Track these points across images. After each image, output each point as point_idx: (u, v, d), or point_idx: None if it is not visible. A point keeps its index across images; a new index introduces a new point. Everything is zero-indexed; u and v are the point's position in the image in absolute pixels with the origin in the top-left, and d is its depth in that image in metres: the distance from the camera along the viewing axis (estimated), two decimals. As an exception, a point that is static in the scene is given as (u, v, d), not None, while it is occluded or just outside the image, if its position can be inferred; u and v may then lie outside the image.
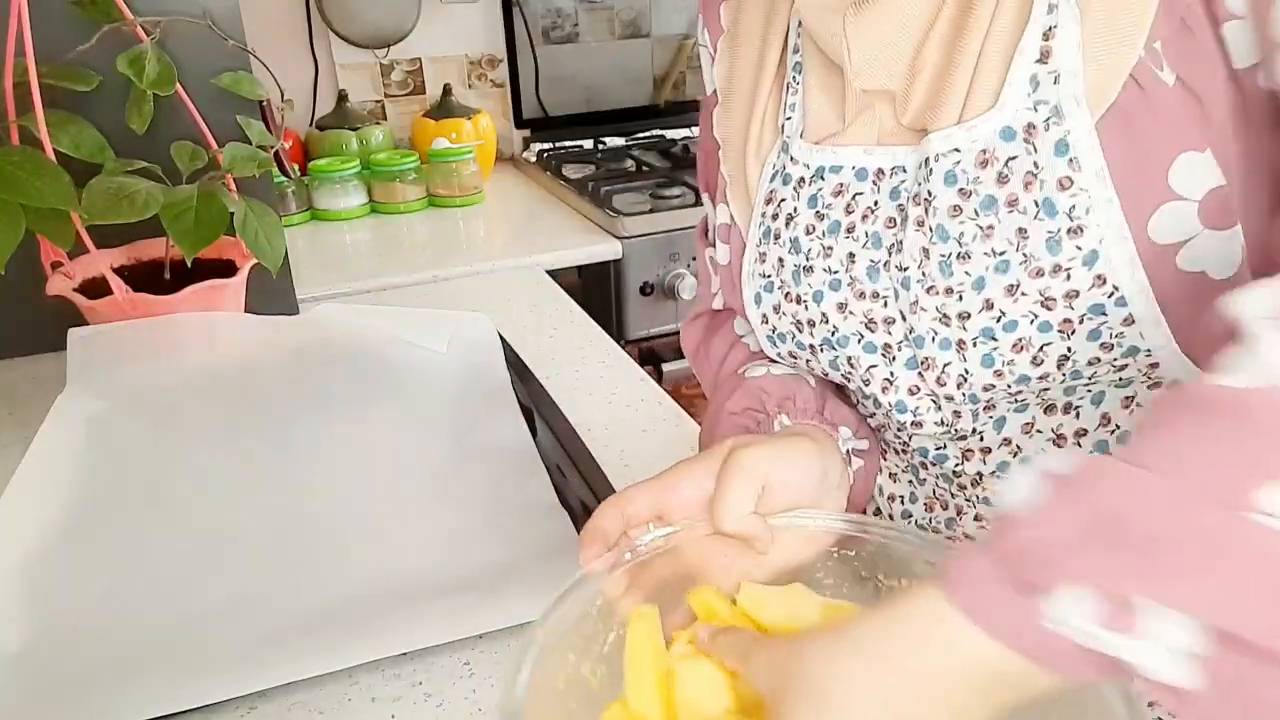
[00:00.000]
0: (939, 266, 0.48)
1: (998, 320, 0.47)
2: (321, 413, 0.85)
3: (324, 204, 1.62)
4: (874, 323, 0.52)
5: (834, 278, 0.53)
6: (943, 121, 0.47)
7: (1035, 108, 0.44)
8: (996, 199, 0.45)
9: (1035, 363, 0.47)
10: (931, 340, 0.50)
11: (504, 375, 0.91)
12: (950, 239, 0.47)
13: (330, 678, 0.58)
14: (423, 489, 0.76)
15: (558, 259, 1.43)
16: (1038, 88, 0.44)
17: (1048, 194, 0.44)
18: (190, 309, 0.93)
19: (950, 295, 0.48)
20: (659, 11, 1.96)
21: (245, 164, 0.92)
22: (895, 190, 0.50)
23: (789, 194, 0.55)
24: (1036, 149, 0.44)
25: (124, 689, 0.56)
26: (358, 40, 1.78)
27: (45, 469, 0.76)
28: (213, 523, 0.72)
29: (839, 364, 0.55)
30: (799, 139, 0.55)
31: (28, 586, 0.65)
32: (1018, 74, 0.44)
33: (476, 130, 1.75)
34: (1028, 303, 0.46)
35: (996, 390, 0.50)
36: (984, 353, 0.48)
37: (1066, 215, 0.44)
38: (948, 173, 0.47)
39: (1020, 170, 0.45)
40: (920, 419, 0.54)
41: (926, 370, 0.51)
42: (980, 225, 0.46)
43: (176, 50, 0.93)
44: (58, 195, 0.78)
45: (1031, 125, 0.44)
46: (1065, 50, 0.43)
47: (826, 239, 0.53)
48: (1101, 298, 0.44)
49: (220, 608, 0.63)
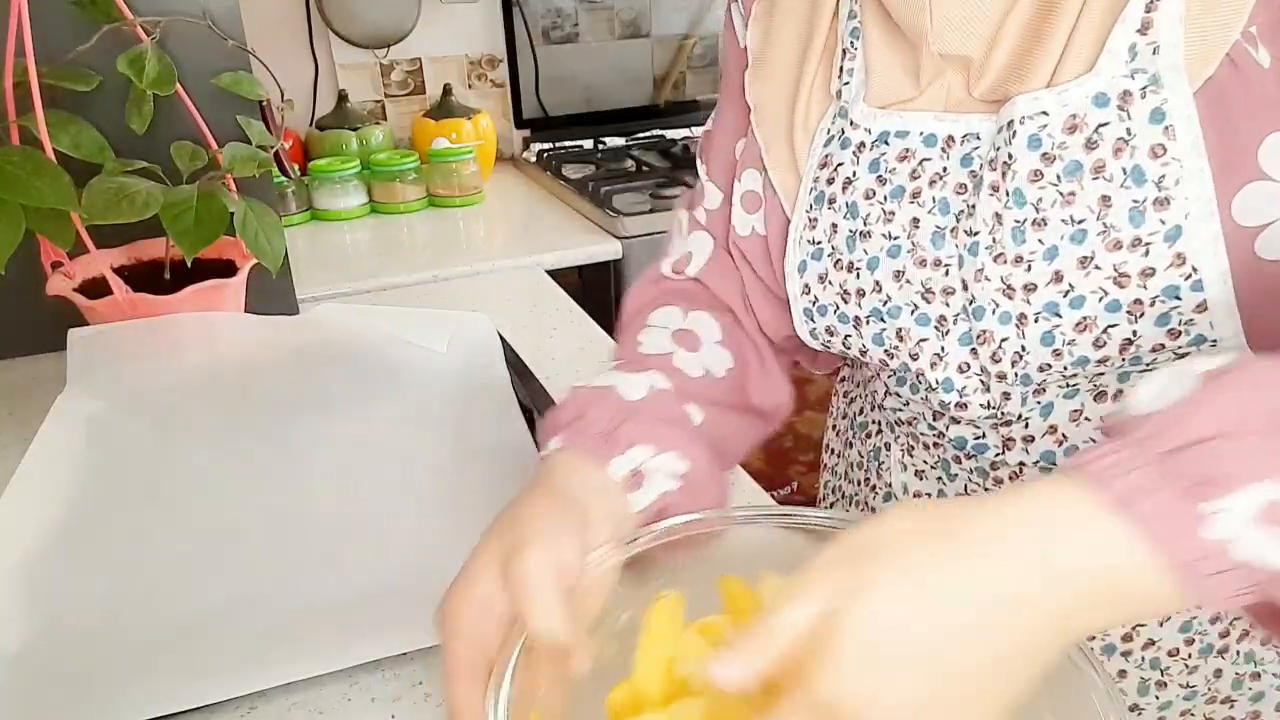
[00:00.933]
0: (1012, 233, 0.47)
1: (1065, 295, 0.46)
2: (321, 413, 0.84)
3: (324, 204, 1.62)
4: (931, 293, 0.51)
5: (894, 244, 0.52)
6: (1030, 85, 0.46)
7: (1133, 75, 0.43)
8: (1082, 165, 0.45)
9: (1097, 345, 0.46)
10: (992, 313, 0.49)
11: (504, 375, 0.91)
12: (1027, 204, 0.46)
13: (330, 678, 0.58)
14: (423, 489, 0.76)
15: (558, 259, 1.43)
16: (1136, 56, 0.43)
17: (1139, 161, 0.43)
18: (190, 309, 0.93)
19: (1019, 265, 0.47)
20: (659, 11, 1.96)
21: (245, 164, 0.92)
22: (967, 157, 0.49)
23: (847, 158, 0.54)
24: (1130, 116, 0.43)
25: (124, 689, 0.56)
26: (358, 40, 1.78)
27: (45, 469, 0.76)
28: (213, 523, 0.72)
29: (885, 338, 0.54)
30: (860, 103, 0.53)
31: (28, 586, 0.65)
32: (1118, 41, 0.44)
33: (476, 130, 1.75)
34: (1100, 277, 0.45)
35: (1051, 371, 0.49)
36: (1045, 330, 0.47)
37: (1155, 185, 0.43)
38: (1032, 136, 0.46)
39: (1111, 137, 0.44)
40: (966, 399, 0.52)
41: (981, 345, 0.50)
42: (1061, 191, 0.45)
43: (176, 50, 0.93)
44: (58, 195, 0.78)
45: (1127, 92, 0.44)
46: (1168, 22, 0.42)
47: (888, 204, 0.52)
48: (1178, 279, 0.44)
49: (220, 608, 0.63)
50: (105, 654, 0.59)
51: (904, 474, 0.63)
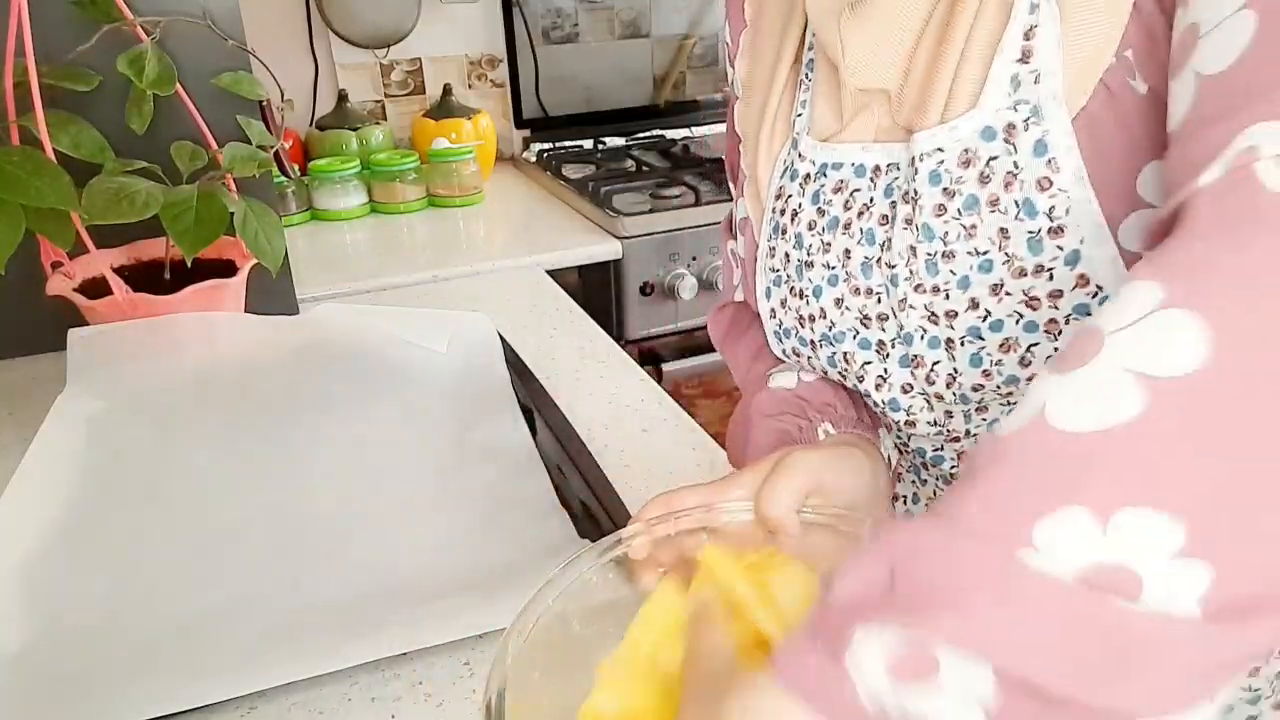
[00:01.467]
0: (925, 265, 0.48)
1: (984, 319, 0.47)
2: (321, 413, 0.85)
3: (324, 204, 1.62)
4: (868, 319, 0.53)
5: (832, 273, 0.54)
6: (928, 121, 0.47)
7: (1015, 107, 0.44)
8: (979, 199, 0.45)
9: (1023, 363, 0.47)
10: (920, 338, 0.50)
11: (504, 375, 0.91)
12: (936, 238, 0.47)
13: (330, 678, 0.58)
14: (423, 489, 0.76)
15: (558, 259, 1.43)
16: (1019, 87, 0.43)
17: (1027, 194, 0.44)
18: (190, 309, 0.93)
19: (937, 294, 0.48)
20: (659, 11, 1.96)
21: (245, 164, 0.92)
22: (889, 187, 0.50)
23: (795, 190, 0.56)
24: (1016, 149, 0.44)
25: (124, 689, 0.56)
26: (358, 40, 1.78)
27: (45, 469, 0.76)
28: (213, 523, 0.72)
29: (836, 360, 0.56)
30: (806, 136, 0.55)
31: (28, 586, 0.65)
32: (998, 73, 0.44)
33: (476, 130, 1.75)
34: (1012, 302, 0.46)
35: (986, 390, 0.50)
36: (971, 352, 0.48)
37: (1046, 215, 0.43)
38: (932, 172, 0.47)
39: (1001, 170, 0.44)
40: (914, 418, 0.54)
41: (917, 368, 0.51)
42: (964, 225, 0.46)
43: (176, 50, 0.93)
44: (58, 195, 0.78)
45: (1011, 125, 0.44)
46: (1045, 49, 0.42)
47: (826, 234, 0.53)
48: (1085, 298, 0.44)
49: (220, 608, 0.63)
50: (105, 654, 0.59)
51: None
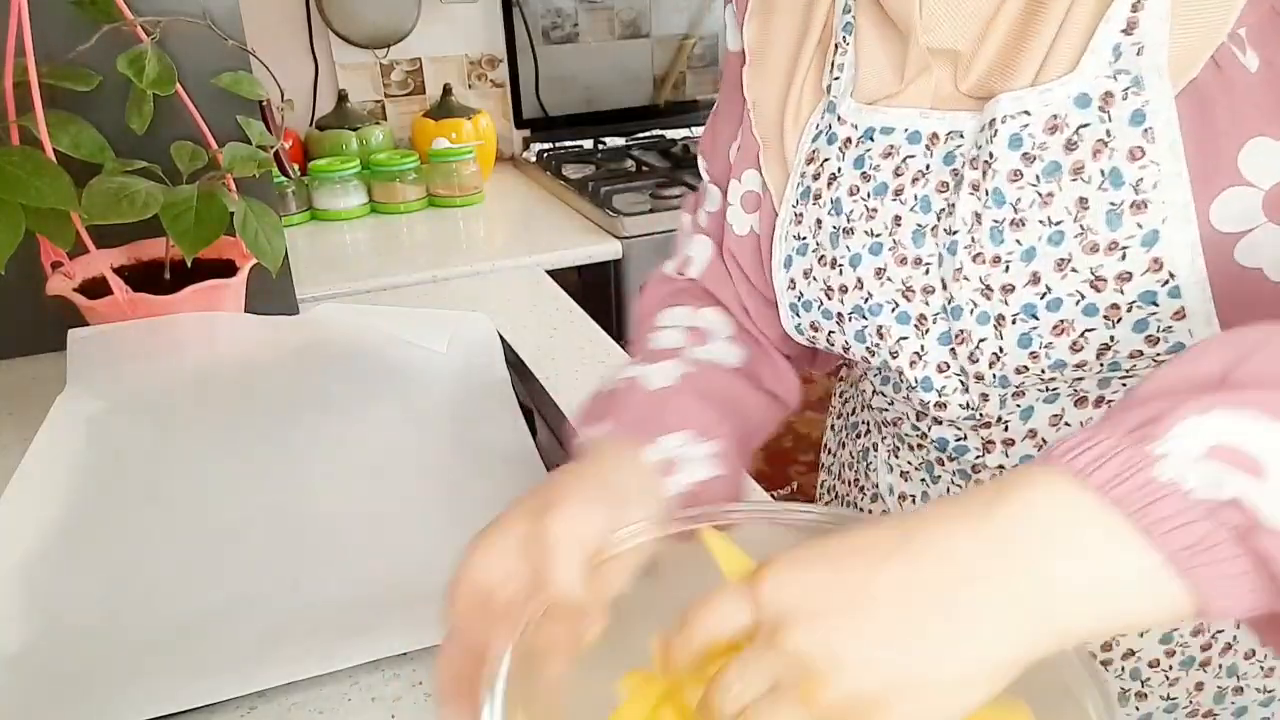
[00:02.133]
0: (990, 233, 0.46)
1: (1042, 297, 0.46)
2: (321, 413, 0.85)
3: (324, 204, 1.62)
4: (911, 291, 0.51)
5: (875, 241, 0.52)
6: (1015, 83, 0.46)
7: (1115, 76, 0.43)
8: (1061, 165, 0.44)
9: (1074, 348, 0.46)
10: (970, 313, 0.48)
11: (504, 375, 0.91)
12: (1006, 204, 0.46)
13: (330, 678, 0.58)
14: (422, 489, 0.76)
15: (558, 259, 1.43)
16: (1119, 57, 0.43)
17: (1116, 163, 0.43)
18: (190, 309, 0.93)
19: (997, 265, 0.46)
20: (659, 11, 1.96)
21: (245, 164, 0.92)
22: (950, 155, 0.49)
23: (834, 154, 0.54)
24: (1111, 117, 0.43)
25: (124, 689, 0.56)
26: (358, 40, 1.78)
27: (45, 469, 0.76)
28: (213, 523, 0.72)
29: (866, 335, 0.54)
30: (848, 99, 0.53)
31: (27, 586, 0.65)
32: (1101, 41, 0.43)
33: (476, 130, 1.75)
34: (1076, 280, 0.45)
35: (1029, 374, 0.48)
36: (1022, 331, 0.47)
37: (1133, 188, 0.43)
38: (1013, 136, 0.45)
39: (1090, 138, 0.44)
40: (945, 399, 0.52)
41: (960, 345, 0.49)
42: (1040, 192, 0.45)
43: (176, 50, 0.93)
44: (58, 195, 0.78)
45: (1109, 94, 0.43)
46: (1153, 22, 0.42)
47: (871, 201, 0.52)
48: (1155, 284, 0.43)
49: (220, 608, 0.63)
50: (105, 654, 0.59)
51: (890, 475, 0.63)
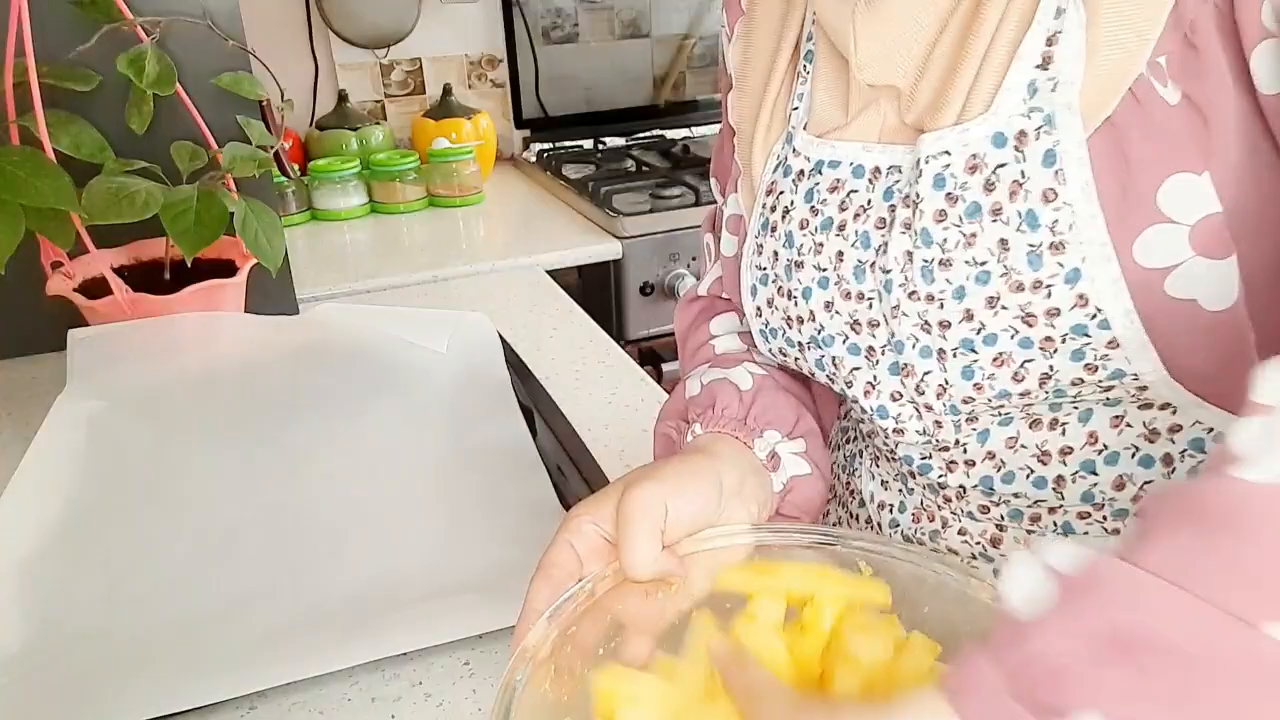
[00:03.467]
0: (921, 271, 0.46)
1: (977, 332, 0.46)
2: (321, 413, 0.84)
3: (324, 204, 1.62)
4: (859, 324, 0.51)
5: (823, 275, 0.52)
6: (940, 122, 0.45)
7: (1029, 114, 0.42)
8: (981, 206, 0.44)
9: (1016, 379, 0.46)
10: (912, 347, 0.49)
11: (504, 375, 0.91)
12: (934, 244, 0.46)
13: (330, 678, 0.58)
14: (422, 489, 0.76)
15: (558, 259, 1.43)
16: (1035, 94, 0.42)
17: (1031, 205, 0.42)
18: (190, 309, 0.93)
19: (932, 302, 0.47)
20: (659, 11, 1.96)
21: (245, 164, 0.92)
22: (889, 190, 0.49)
23: (788, 186, 0.54)
24: (1025, 158, 0.42)
25: (124, 689, 0.56)
26: (358, 40, 1.78)
27: (45, 469, 0.76)
28: (213, 523, 0.72)
29: (824, 364, 0.54)
30: (802, 131, 0.54)
31: (27, 586, 0.65)
32: (1015, 78, 0.43)
33: (476, 130, 1.75)
34: (1008, 317, 0.44)
35: (977, 402, 0.49)
36: (964, 364, 0.47)
37: (1049, 229, 0.42)
38: (937, 176, 0.45)
39: (1007, 179, 0.43)
40: (902, 426, 0.52)
41: (907, 377, 0.50)
42: (964, 232, 0.45)
43: (176, 50, 0.93)
44: (58, 195, 0.78)
45: (1023, 133, 0.43)
46: (1067, 57, 0.41)
47: (818, 235, 0.52)
48: (1083, 318, 0.43)
49: (220, 608, 0.63)
50: (105, 654, 0.59)
51: (872, 483, 0.63)
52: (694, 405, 0.56)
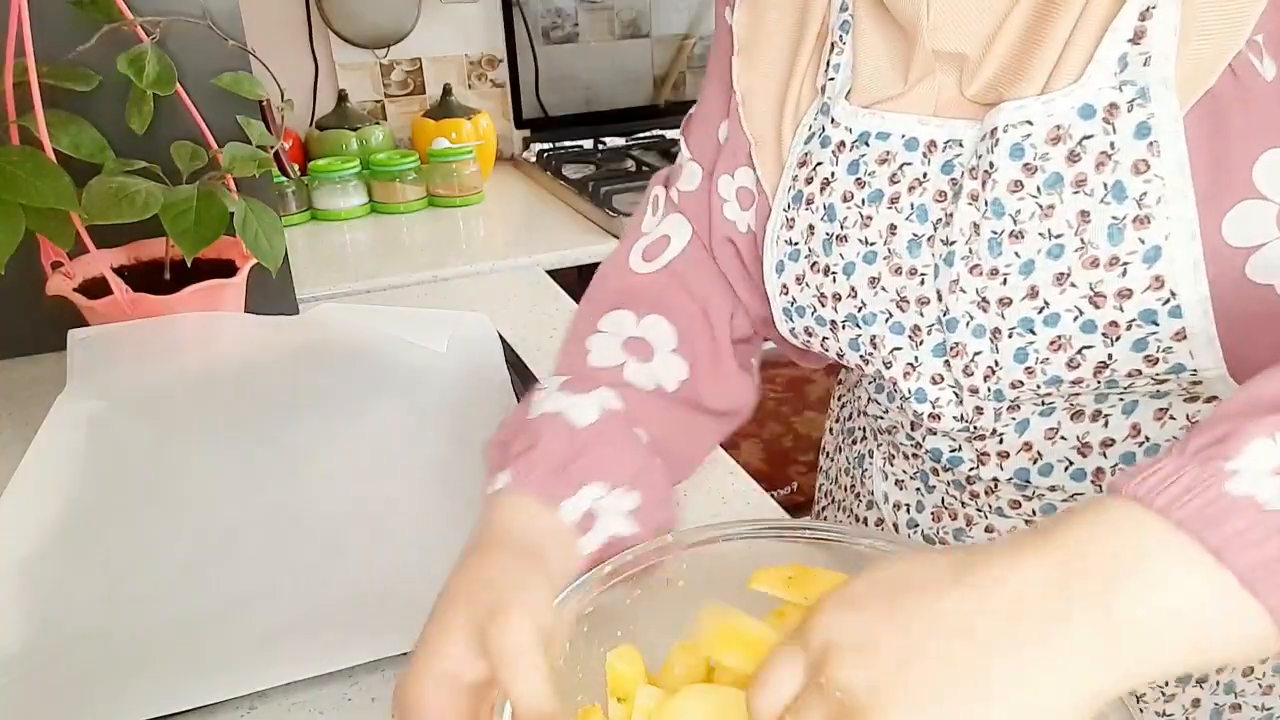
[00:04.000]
0: (988, 244, 0.45)
1: (1039, 311, 0.45)
2: (321, 413, 0.84)
3: (324, 204, 1.62)
4: (906, 301, 0.50)
5: (869, 249, 0.50)
6: (1022, 91, 0.44)
7: (1121, 88, 0.42)
8: (1063, 177, 0.43)
9: (1071, 365, 0.45)
10: (965, 325, 0.47)
11: (504, 375, 0.91)
12: (1005, 215, 0.45)
13: (330, 678, 0.58)
14: (423, 489, 0.76)
15: (558, 259, 1.43)
16: (1126, 67, 0.42)
17: (1120, 176, 0.42)
18: (190, 309, 0.93)
19: (994, 277, 0.45)
20: (659, 11, 1.96)
21: (245, 164, 0.92)
22: (949, 164, 0.48)
23: (826, 158, 0.52)
24: (1115, 130, 0.42)
25: (124, 689, 0.56)
26: (358, 40, 1.78)
27: (45, 469, 0.76)
28: (213, 523, 0.72)
29: (860, 344, 0.52)
30: (843, 100, 0.52)
31: (27, 586, 0.65)
32: (1107, 51, 0.42)
33: (476, 130, 1.75)
34: (1075, 295, 0.44)
35: (1024, 389, 0.47)
36: (1018, 346, 0.46)
37: (1136, 202, 0.41)
38: (1014, 145, 0.44)
39: (1094, 150, 0.42)
40: (939, 411, 0.51)
41: (954, 358, 0.48)
42: (1040, 204, 0.44)
43: (176, 50, 0.93)
44: (58, 195, 0.78)
45: (1114, 105, 0.42)
46: (1161, 32, 0.41)
47: (866, 208, 0.50)
48: (1155, 303, 0.42)
49: (220, 608, 0.63)
50: (105, 654, 0.59)
51: (885, 483, 0.62)
52: (517, 440, 0.51)
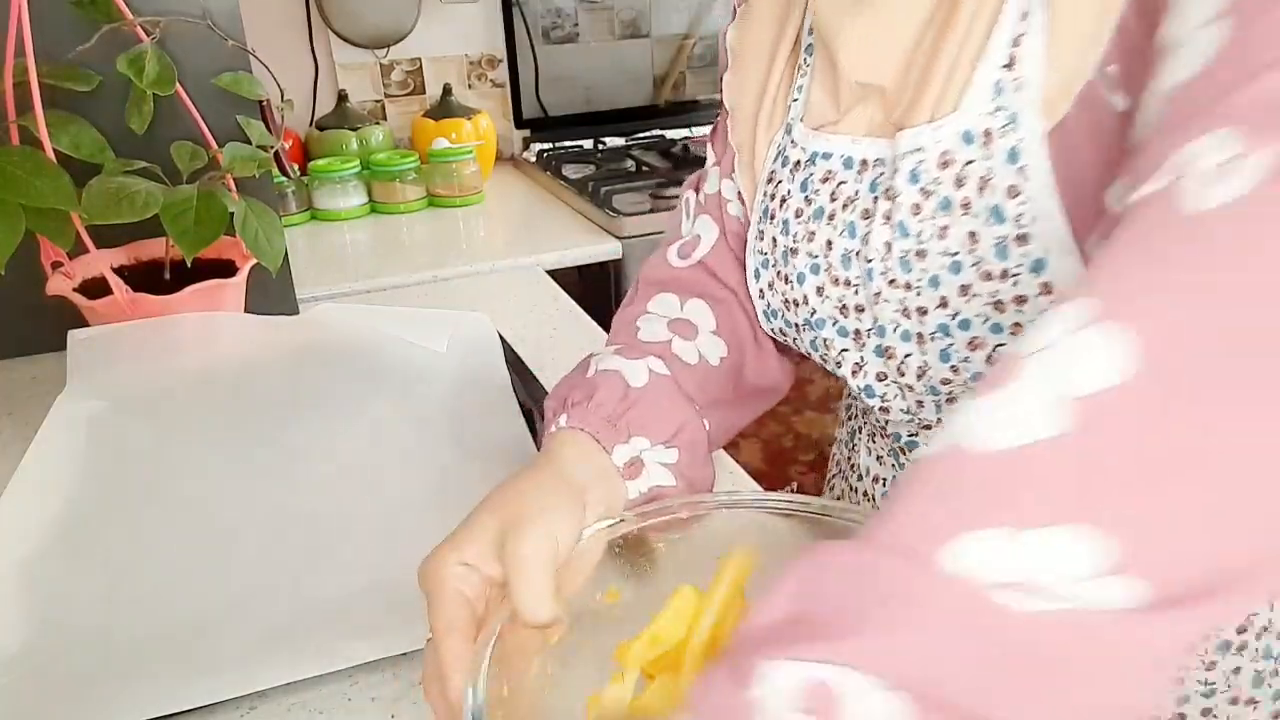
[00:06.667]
0: (900, 261, 0.49)
1: (953, 318, 0.48)
2: (321, 413, 0.84)
3: (324, 204, 1.62)
4: (846, 309, 0.54)
5: (814, 261, 0.54)
6: (916, 120, 0.47)
7: (995, 113, 0.44)
8: (952, 201, 0.46)
9: (990, 361, 0.48)
10: (893, 331, 0.51)
11: (504, 375, 0.91)
12: (911, 235, 0.48)
13: (330, 678, 0.58)
14: (422, 489, 0.76)
15: (558, 259, 1.43)
16: (1001, 93, 0.44)
17: (997, 200, 0.44)
18: (190, 309, 0.93)
19: (909, 290, 0.49)
20: (659, 11, 1.97)
21: (245, 164, 0.92)
22: (874, 183, 0.51)
23: (785, 175, 0.56)
24: (992, 154, 0.44)
25: (124, 689, 0.56)
26: (358, 40, 1.78)
27: (45, 469, 0.76)
28: (213, 523, 0.72)
29: (817, 345, 0.57)
30: (799, 123, 0.56)
31: (27, 586, 0.65)
32: (981, 78, 0.44)
33: (476, 130, 1.75)
34: (979, 304, 0.47)
35: (954, 384, 0.51)
36: (941, 347, 0.49)
37: (1014, 222, 0.44)
38: (912, 171, 0.47)
39: (975, 174, 0.45)
40: (888, 405, 0.55)
41: (889, 359, 0.52)
42: (937, 225, 0.47)
43: (176, 50, 0.93)
44: (58, 195, 0.78)
45: (989, 130, 0.44)
46: (1030, 57, 0.43)
47: (811, 224, 0.54)
48: (1050, 306, 0.43)
49: (220, 608, 0.63)
50: (105, 654, 0.59)
51: (868, 457, 0.66)
52: (574, 391, 0.56)
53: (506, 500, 0.46)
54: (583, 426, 0.53)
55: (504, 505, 0.46)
